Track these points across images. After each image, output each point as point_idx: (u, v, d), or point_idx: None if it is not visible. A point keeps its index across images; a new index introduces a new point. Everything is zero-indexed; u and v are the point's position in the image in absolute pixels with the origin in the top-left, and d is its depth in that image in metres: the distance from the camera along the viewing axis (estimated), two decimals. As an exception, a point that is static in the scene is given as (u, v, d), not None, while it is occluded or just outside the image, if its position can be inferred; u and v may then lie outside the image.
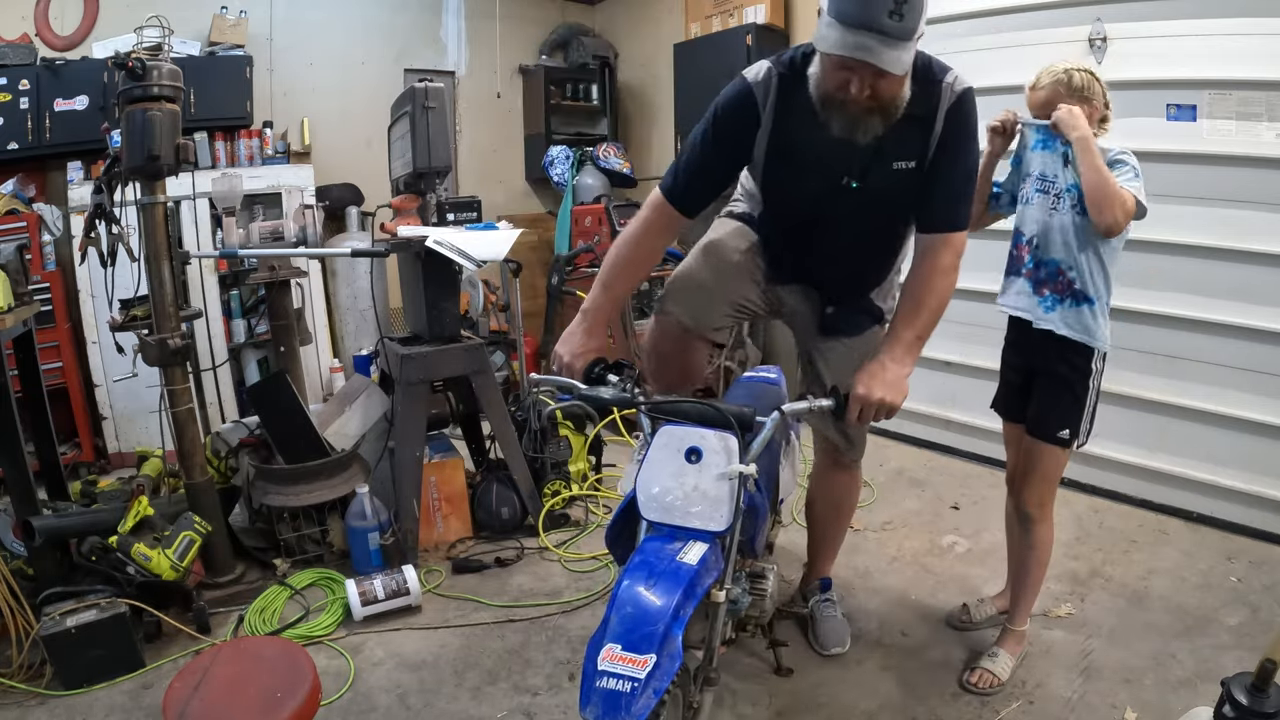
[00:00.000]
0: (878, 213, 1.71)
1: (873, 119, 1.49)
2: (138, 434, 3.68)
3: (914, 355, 1.61)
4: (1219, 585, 2.44)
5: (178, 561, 2.28)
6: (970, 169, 1.68)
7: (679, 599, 1.25)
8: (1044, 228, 1.89)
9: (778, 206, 1.82)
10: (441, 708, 1.99)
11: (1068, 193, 1.84)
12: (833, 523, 2.22)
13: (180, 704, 1.46)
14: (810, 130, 1.56)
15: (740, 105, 1.64)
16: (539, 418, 3.10)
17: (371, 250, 2.88)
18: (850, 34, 1.35)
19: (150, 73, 2.23)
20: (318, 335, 4.15)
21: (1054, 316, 1.89)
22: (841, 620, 2.22)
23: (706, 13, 4.63)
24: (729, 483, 1.39)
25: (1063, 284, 1.88)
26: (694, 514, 1.40)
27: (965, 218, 1.66)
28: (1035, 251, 1.92)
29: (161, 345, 2.37)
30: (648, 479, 1.44)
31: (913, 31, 1.37)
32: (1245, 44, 2.61)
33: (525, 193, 5.58)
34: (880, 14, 1.32)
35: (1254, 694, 1.35)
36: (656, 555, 1.34)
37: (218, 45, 4.09)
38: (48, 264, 3.61)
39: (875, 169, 1.61)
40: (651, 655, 1.19)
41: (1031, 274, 1.93)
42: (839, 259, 1.81)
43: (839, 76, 1.44)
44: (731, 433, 1.42)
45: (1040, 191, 1.91)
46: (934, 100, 1.55)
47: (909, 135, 1.57)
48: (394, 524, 2.68)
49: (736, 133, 1.67)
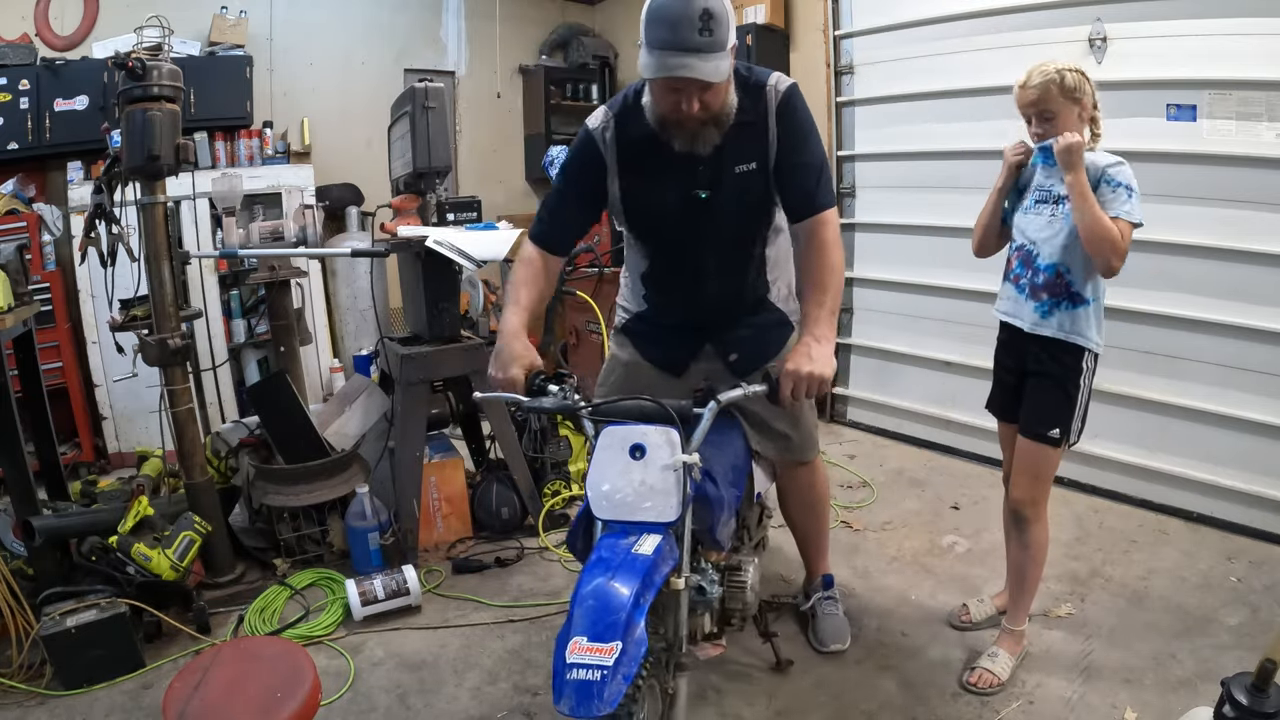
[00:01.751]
0: (731, 219, 1.80)
1: (708, 129, 1.63)
2: (138, 434, 3.68)
3: (832, 329, 1.67)
4: (1219, 585, 2.44)
5: (178, 561, 2.28)
6: (815, 155, 1.75)
7: (638, 587, 1.29)
8: (1044, 235, 1.91)
9: (644, 235, 1.92)
10: (441, 708, 1.99)
11: (1067, 199, 1.86)
12: (810, 520, 2.22)
13: (180, 704, 1.46)
14: (654, 155, 1.70)
15: (584, 152, 1.79)
16: (539, 418, 3.10)
17: (371, 250, 2.88)
18: (668, 56, 1.48)
19: (150, 73, 2.23)
20: (318, 335, 4.15)
21: (1050, 321, 1.91)
22: (842, 618, 2.23)
23: (706, 13, 4.62)
24: (674, 474, 1.43)
25: (1059, 286, 1.89)
26: (644, 508, 1.43)
27: (828, 197, 1.75)
28: (1034, 259, 1.94)
29: (161, 345, 2.37)
30: (596, 479, 1.47)
31: (724, 43, 1.50)
32: (1245, 44, 2.61)
33: (525, 193, 5.59)
34: (690, 33, 1.46)
35: (1254, 694, 1.35)
36: (612, 550, 1.38)
37: (218, 45, 4.09)
38: (48, 264, 3.62)
39: (720, 177, 1.73)
40: (617, 642, 1.22)
41: (1028, 280, 1.95)
42: (716, 277, 1.87)
43: (669, 99, 1.57)
44: (672, 426, 1.45)
45: (1040, 201, 1.94)
46: (761, 104, 1.70)
47: (745, 139, 1.70)
48: (394, 524, 2.68)
49: (586, 177, 1.81)
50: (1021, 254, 1.99)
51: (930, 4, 3.48)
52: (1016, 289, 1.99)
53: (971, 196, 1.94)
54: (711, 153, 1.68)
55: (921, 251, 3.67)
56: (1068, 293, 1.89)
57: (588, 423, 1.56)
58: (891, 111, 3.76)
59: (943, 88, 3.44)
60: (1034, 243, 1.94)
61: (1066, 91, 1.82)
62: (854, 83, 3.92)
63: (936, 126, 3.51)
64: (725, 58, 1.52)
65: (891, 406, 3.91)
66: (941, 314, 3.62)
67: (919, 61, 3.56)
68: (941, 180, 3.50)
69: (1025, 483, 1.98)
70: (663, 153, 1.69)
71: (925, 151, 3.55)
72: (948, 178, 3.47)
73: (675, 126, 1.63)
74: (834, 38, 3.91)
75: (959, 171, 3.40)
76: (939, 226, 3.51)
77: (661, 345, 2.00)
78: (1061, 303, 1.89)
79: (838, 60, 3.93)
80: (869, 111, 3.88)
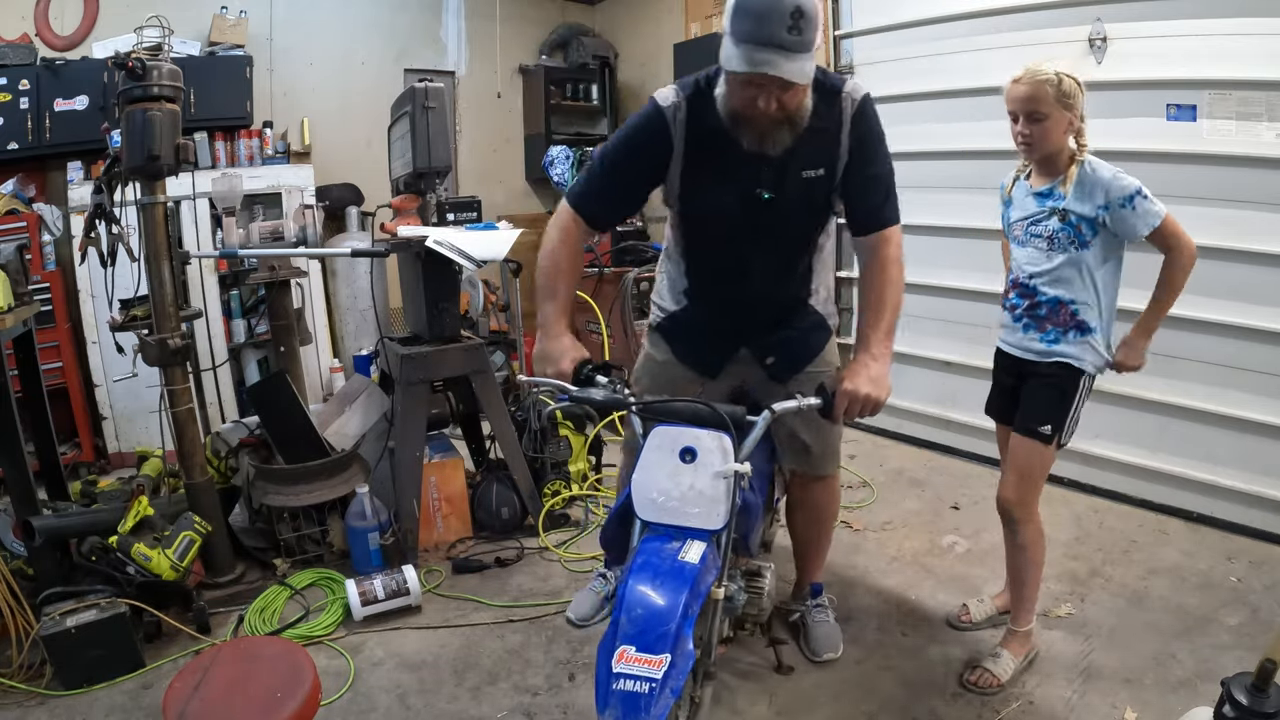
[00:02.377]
0: (791, 223, 1.77)
1: (781, 131, 1.58)
2: (138, 434, 3.68)
3: (890, 348, 1.66)
4: (1219, 585, 2.44)
5: (178, 561, 2.28)
6: (886, 168, 1.72)
7: (686, 597, 1.26)
8: (1040, 268, 1.90)
9: (696, 227, 1.85)
10: (441, 708, 1.99)
11: (1064, 232, 1.84)
12: (815, 532, 2.19)
13: (180, 704, 1.46)
14: (722, 148, 1.64)
15: (652, 129, 1.70)
16: (539, 418, 3.10)
17: (371, 250, 2.88)
18: (754, 51, 1.42)
19: (150, 73, 2.23)
20: (318, 335, 4.15)
21: (1058, 348, 1.89)
22: (834, 625, 2.20)
23: (706, 13, 4.63)
24: (725, 481, 1.40)
25: (1064, 317, 1.88)
26: (691, 514, 1.40)
27: (895, 212, 1.73)
28: (1034, 292, 1.92)
29: (161, 345, 2.37)
30: (644, 480, 1.44)
31: (811, 44, 1.44)
32: (1245, 44, 2.61)
33: (525, 193, 5.59)
34: (779, 30, 1.40)
35: (1254, 694, 1.35)
36: (658, 555, 1.35)
37: (218, 45, 4.09)
38: (48, 264, 3.61)
39: (786, 179, 1.68)
40: (666, 655, 1.20)
41: (1028, 313, 1.94)
42: (763, 277, 1.83)
43: (747, 93, 1.51)
44: (725, 432, 1.43)
45: (1034, 235, 1.91)
46: (836, 111, 1.65)
47: (815, 145, 1.65)
48: (394, 524, 2.68)
49: (649, 154, 1.72)
50: (1019, 288, 1.96)
51: (930, 4, 3.48)
52: (1015, 320, 1.97)
53: (971, 196, 1.93)
54: (780, 154, 1.63)
55: (922, 251, 3.65)
56: (1074, 322, 1.87)
57: (636, 420, 1.54)
58: (891, 111, 3.70)
59: (943, 88, 3.44)
60: (1031, 276, 1.92)
61: (1062, 96, 1.77)
62: (854, 83, 3.92)
63: (936, 126, 3.51)
64: (811, 59, 1.47)
65: (891, 406, 3.84)
66: (941, 314, 3.62)
67: (919, 61, 3.56)
68: (941, 180, 3.50)
69: (1014, 481, 1.97)
70: (730, 148, 1.63)
71: (925, 151, 3.55)
72: (948, 178, 3.47)
73: (747, 123, 1.57)
74: (834, 38, 3.91)
75: (959, 171, 3.40)
76: (939, 226, 3.51)
77: (698, 346, 1.95)
78: (1068, 332, 1.88)
79: (838, 60, 3.93)
80: (869, 111, 3.87)
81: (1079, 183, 1.82)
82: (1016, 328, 1.98)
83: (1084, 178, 1.81)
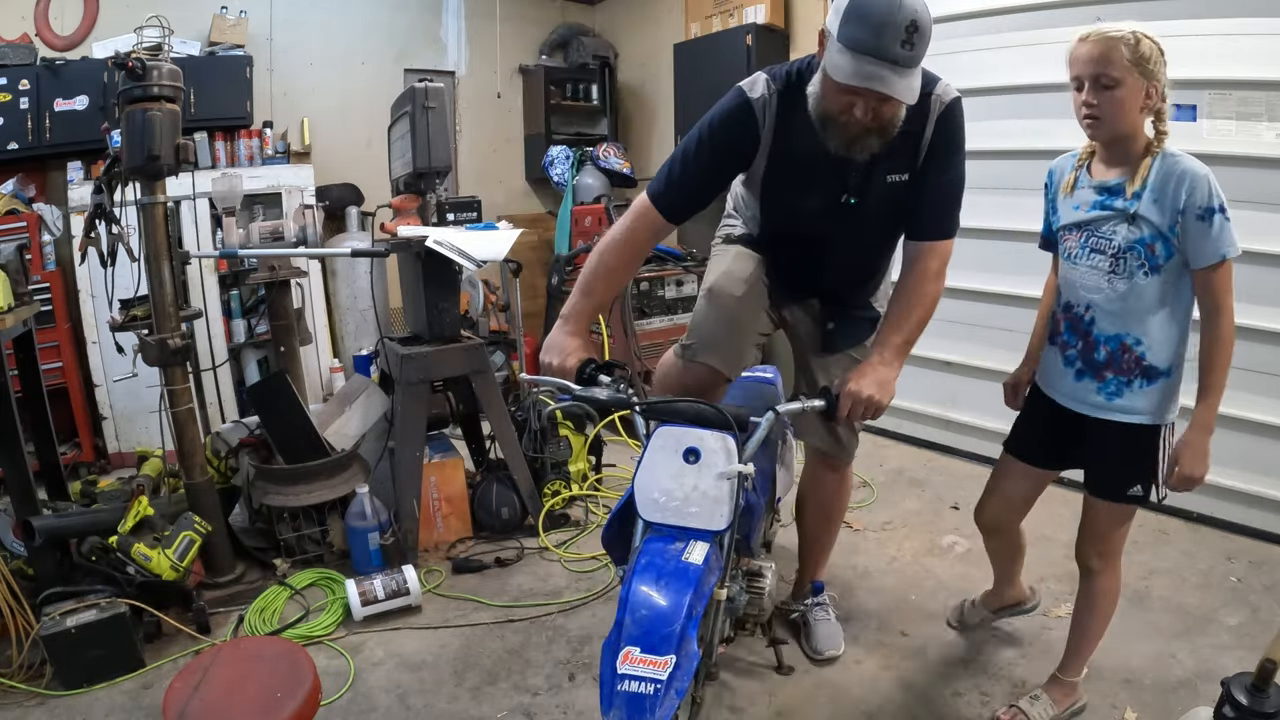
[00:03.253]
0: (873, 226, 1.74)
1: (871, 139, 1.51)
2: (138, 434, 3.68)
3: (902, 358, 1.65)
4: (1219, 585, 2.44)
5: (178, 561, 2.28)
6: (958, 177, 1.65)
7: (690, 598, 1.26)
8: (1100, 294, 1.56)
9: (777, 224, 1.83)
10: (441, 708, 1.99)
11: (1132, 251, 1.49)
12: (823, 527, 2.20)
13: (180, 704, 1.46)
14: (809, 148, 1.58)
15: (739, 122, 1.63)
16: (539, 418, 3.10)
17: (371, 250, 2.88)
18: (863, 63, 1.36)
19: (150, 73, 2.23)
20: (318, 335, 4.14)
21: (1120, 404, 1.57)
22: (835, 623, 2.20)
23: (706, 13, 4.63)
24: (728, 482, 1.40)
25: (1129, 362, 1.55)
26: (694, 514, 1.40)
27: (953, 225, 1.66)
28: (1089, 326, 1.59)
29: (161, 345, 2.37)
30: (646, 480, 1.44)
31: (921, 59, 1.39)
32: (1245, 44, 2.61)
33: (525, 193, 5.59)
34: (893, 44, 1.34)
35: (1254, 694, 1.35)
36: (662, 556, 1.35)
37: (218, 45, 4.09)
38: (48, 264, 3.61)
39: (870, 184, 1.64)
40: (671, 656, 1.20)
41: (1081, 354, 1.60)
42: (837, 272, 1.84)
43: (844, 99, 1.45)
44: (729, 433, 1.43)
45: (1094, 250, 1.55)
46: (923, 112, 1.57)
47: (901, 149, 1.59)
48: (394, 524, 2.68)
49: (734, 149, 1.67)
50: (1071, 317, 1.62)
51: (930, 4, 3.47)
52: (1066, 363, 1.63)
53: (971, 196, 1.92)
54: (866, 159, 1.57)
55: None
56: (1139, 368, 1.54)
57: (640, 419, 1.53)
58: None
59: (943, 88, 3.44)
60: (1087, 306, 1.58)
61: (1139, 60, 1.42)
62: (854, 83, 3.92)
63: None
64: (919, 75, 1.42)
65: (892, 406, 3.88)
66: (941, 314, 3.56)
67: (919, 61, 3.56)
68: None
69: (1094, 540, 1.69)
70: (816, 150, 1.56)
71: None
72: (948, 178, 3.46)
73: (839, 128, 1.50)
74: (834, 38, 3.91)
75: (959, 171, 3.39)
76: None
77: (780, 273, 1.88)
78: (1133, 380, 1.55)
79: (838, 60, 3.93)
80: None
81: (1159, 180, 1.46)
82: (1067, 373, 1.63)
83: (1166, 172, 1.46)
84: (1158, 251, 1.49)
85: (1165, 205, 1.46)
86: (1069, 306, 1.62)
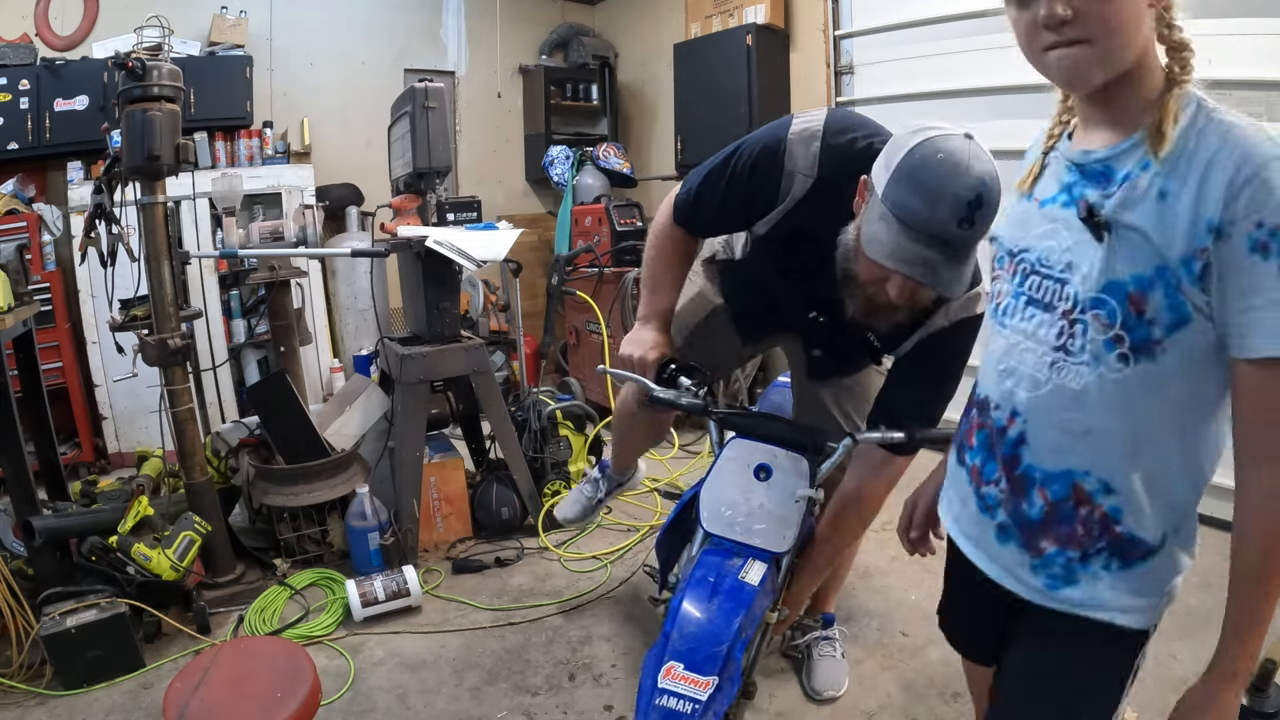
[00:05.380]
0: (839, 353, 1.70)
1: (899, 314, 1.30)
2: (138, 434, 3.68)
3: None
4: (1219, 585, 2.42)
5: (178, 561, 2.28)
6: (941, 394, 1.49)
7: (742, 619, 1.23)
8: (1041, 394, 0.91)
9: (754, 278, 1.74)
10: (441, 708, 1.99)
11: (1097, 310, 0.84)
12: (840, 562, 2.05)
13: (180, 704, 1.46)
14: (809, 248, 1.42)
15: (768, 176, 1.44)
16: (539, 418, 3.10)
17: (371, 250, 2.88)
18: (907, 240, 1.10)
19: (150, 73, 2.23)
20: (318, 335, 4.15)
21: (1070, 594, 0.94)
22: (840, 661, 2.07)
23: (706, 13, 4.63)
24: (797, 505, 1.36)
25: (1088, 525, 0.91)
26: (757, 532, 1.36)
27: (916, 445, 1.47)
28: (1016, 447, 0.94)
29: (161, 345, 2.37)
30: (714, 491, 1.40)
31: (977, 241, 1.13)
32: (1245, 44, 2.60)
33: (525, 193, 5.59)
34: (950, 223, 1.07)
35: (1254, 694, 1.35)
36: (718, 572, 1.31)
37: (218, 45, 4.09)
38: (48, 264, 3.62)
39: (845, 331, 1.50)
40: (714, 677, 1.16)
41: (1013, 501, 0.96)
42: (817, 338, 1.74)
43: (876, 272, 1.20)
44: (804, 454, 1.39)
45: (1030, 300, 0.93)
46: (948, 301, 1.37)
47: None
48: (394, 524, 2.68)
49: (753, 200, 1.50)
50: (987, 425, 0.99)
51: (930, 4, 3.48)
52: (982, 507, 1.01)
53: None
54: None
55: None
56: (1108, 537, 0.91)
57: (714, 427, 1.50)
58: (892, 112, 3.75)
59: (943, 88, 3.43)
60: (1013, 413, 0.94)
61: None
62: (854, 83, 3.92)
63: (936, 127, 3.51)
64: (973, 263, 1.18)
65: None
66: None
67: (919, 61, 3.56)
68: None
69: None
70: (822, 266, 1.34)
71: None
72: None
73: (862, 298, 1.29)
74: (834, 38, 3.92)
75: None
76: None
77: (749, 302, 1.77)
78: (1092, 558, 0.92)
79: (838, 60, 3.94)
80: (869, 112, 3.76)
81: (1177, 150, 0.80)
82: (985, 525, 1.00)
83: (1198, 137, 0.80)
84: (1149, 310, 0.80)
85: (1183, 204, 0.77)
86: (985, 406, 0.99)
